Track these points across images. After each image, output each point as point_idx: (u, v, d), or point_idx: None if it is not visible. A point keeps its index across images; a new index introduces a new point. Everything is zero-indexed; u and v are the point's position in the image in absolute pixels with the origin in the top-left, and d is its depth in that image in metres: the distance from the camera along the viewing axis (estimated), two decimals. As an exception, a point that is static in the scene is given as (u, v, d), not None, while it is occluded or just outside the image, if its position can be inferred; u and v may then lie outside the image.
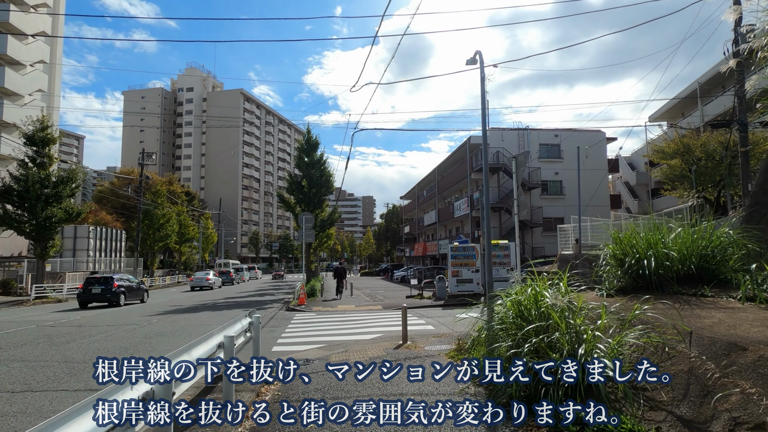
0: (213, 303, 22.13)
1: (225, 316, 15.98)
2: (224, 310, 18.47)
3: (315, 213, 29.88)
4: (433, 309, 15.95)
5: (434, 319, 13.17)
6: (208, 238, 58.50)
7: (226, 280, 42.80)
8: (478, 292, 18.14)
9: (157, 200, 40.11)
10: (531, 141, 35.86)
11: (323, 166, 30.32)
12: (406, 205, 65.04)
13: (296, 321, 14.17)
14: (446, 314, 14.27)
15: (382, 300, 20.49)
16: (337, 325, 12.82)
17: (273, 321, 14.29)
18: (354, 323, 13.18)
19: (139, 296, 22.51)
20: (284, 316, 15.59)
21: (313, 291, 22.21)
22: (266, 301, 22.88)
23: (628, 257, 6.78)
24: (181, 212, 47.41)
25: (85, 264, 38.49)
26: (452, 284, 18.04)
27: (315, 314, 16.02)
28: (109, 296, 19.69)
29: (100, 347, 9.66)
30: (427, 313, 14.85)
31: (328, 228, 32.06)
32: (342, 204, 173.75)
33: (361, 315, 15.25)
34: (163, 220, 39.99)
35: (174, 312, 17.68)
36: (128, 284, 21.59)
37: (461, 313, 13.83)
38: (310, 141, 30.48)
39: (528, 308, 5.09)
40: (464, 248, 18.31)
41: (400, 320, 13.02)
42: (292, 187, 30.25)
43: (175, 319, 15.23)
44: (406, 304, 16.57)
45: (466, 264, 18.11)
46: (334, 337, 10.76)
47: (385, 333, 10.96)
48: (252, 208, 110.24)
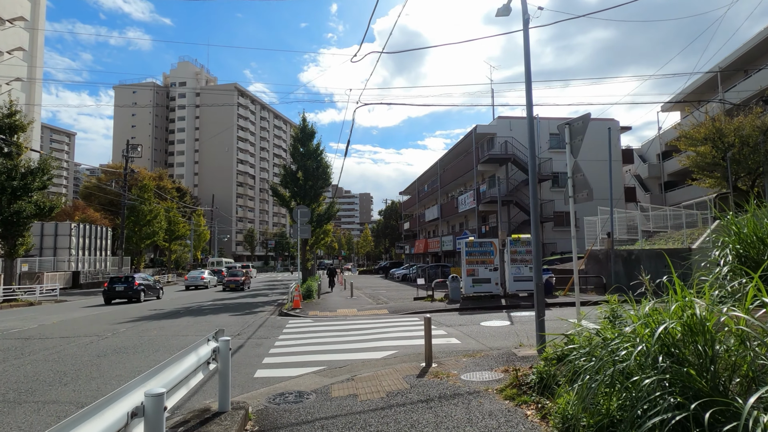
0: (198, 306, 19.91)
1: (208, 323, 13.77)
2: (209, 314, 16.26)
3: (311, 207, 27.70)
4: (449, 314, 13.80)
5: (455, 328, 11.01)
6: (200, 235, 56.17)
7: (219, 279, 40.61)
8: (497, 293, 15.99)
9: (144, 195, 37.75)
10: (541, 130, 33.68)
11: (320, 156, 28.07)
12: (406, 201, 62.83)
13: (289, 330, 11.98)
14: (466, 321, 12.11)
15: (386, 302, 18.32)
16: (338, 337, 10.63)
17: (262, 330, 12.09)
18: (358, 333, 10.99)
19: (156, 293, 24.39)
20: (275, 323, 13.40)
21: (310, 292, 20.03)
22: (258, 304, 20.69)
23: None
24: (170, 208, 45.06)
25: (67, 263, 36.14)
26: (467, 284, 15.87)
27: (311, 320, 13.84)
28: (131, 293, 21.96)
29: (27, 373, 7.43)
30: (443, 319, 12.69)
31: (325, 223, 29.81)
32: (339, 201, 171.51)
33: (366, 322, 13.07)
34: (149, 216, 37.66)
35: (151, 318, 15.45)
36: (146, 282, 23.62)
37: (485, 320, 11.65)
38: (305, 130, 28.21)
39: (690, 338, 2.89)
40: (480, 243, 16.12)
41: (414, 329, 10.93)
42: (286, 180, 27.99)
43: (147, 327, 13.01)
44: (417, 307, 14.46)
45: (483, 261, 15.93)
46: (336, 354, 8.57)
47: (400, 349, 8.79)
48: (247, 205, 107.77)
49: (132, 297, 22.13)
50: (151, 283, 24.25)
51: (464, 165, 36.57)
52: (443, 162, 44.00)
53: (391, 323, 12.48)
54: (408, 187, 60.32)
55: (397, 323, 12.44)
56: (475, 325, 11.19)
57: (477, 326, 10.96)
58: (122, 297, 22.11)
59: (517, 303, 14.61)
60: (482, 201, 32.33)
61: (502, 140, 32.58)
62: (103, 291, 22.25)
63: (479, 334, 9.90)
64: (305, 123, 28.20)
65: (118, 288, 21.91)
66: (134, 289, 22.08)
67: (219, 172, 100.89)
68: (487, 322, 11.43)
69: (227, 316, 15.76)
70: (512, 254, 16.03)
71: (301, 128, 28.17)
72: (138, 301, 22.21)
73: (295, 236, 21.70)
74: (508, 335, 9.57)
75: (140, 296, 22.35)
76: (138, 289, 22.26)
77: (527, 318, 12.09)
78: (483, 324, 11.16)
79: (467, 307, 14.49)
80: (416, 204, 54.78)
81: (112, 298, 21.94)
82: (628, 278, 16.52)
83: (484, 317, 12.53)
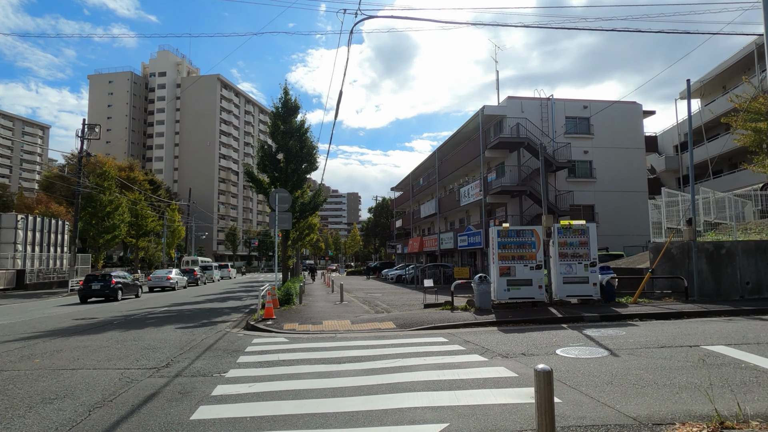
0: (146, 314, 15.52)
1: (137, 342, 9.49)
2: (150, 327, 11.94)
3: (294, 196, 23.44)
4: (486, 331, 9.66)
5: (517, 360, 6.76)
6: (174, 232, 51.32)
7: (191, 279, 36.03)
8: (540, 300, 11.89)
9: (104, 183, 33.03)
10: (556, 112, 29.85)
11: (305, 136, 23.73)
12: (398, 197, 58.70)
13: (249, 357, 7.76)
14: (524, 345, 7.96)
15: (387, 310, 14.15)
16: (327, 377, 6.41)
17: (206, 357, 7.84)
18: (359, 367, 6.80)
19: (134, 291, 23.64)
20: (233, 343, 9.17)
21: (289, 297, 15.75)
22: (224, 310, 16.38)
23: None
24: (137, 200, 40.31)
25: (12, 260, 31.30)
26: (500, 287, 11.75)
27: (286, 339, 9.62)
28: (107, 292, 21.15)
29: None
30: (484, 340, 8.56)
31: (310, 214, 25.46)
32: (326, 202, 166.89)
33: (367, 342, 8.89)
34: (110, 208, 32.94)
35: (67, 332, 11.08)
36: (125, 281, 22.88)
37: (554, 344, 7.26)
38: (288, 104, 23.79)
39: None
40: (518, 232, 12.00)
41: (448, 358, 6.63)
42: (264, 163, 23.50)
43: (40, 350, 8.69)
44: (434, 319, 10.22)
45: (522, 256, 11.83)
46: (325, 430, 4.38)
47: (450, 414, 4.60)
48: (230, 202, 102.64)
49: (109, 296, 21.33)
50: (129, 282, 23.59)
51: (468, 152, 32.56)
52: (441, 152, 39.99)
53: (406, 346, 8.31)
54: (401, 183, 56.22)
55: (415, 346, 8.27)
56: (547, 354, 7.04)
57: (553, 357, 6.82)
58: (99, 296, 21.29)
59: (577, 314, 10.46)
60: (490, 191, 28.33)
61: (512, 122, 28.63)
62: (79, 289, 21.52)
63: (579, 377, 5.75)
64: (287, 96, 23.78)
65: (94, 286, 21.09)
66: (111, 287, 21.26)
67: (200, 168, 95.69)
68: (565, 349, 7.29)
69: (172, 329, 11.46)
70: (561, 247, 11.98)
71: (283, 102, 23.72)
72: (115, 299, 21.42)
73: (273, 226, 17.43)
74: (644, 381, 5.44)
75: (117, 295, 21.55)
76: (115, 287, 21.45)
77: (623, 339, 8.01)
78: (561, 353, 7.03)
79: (507, 319, 10.34)
80: (410, 200, 50.70)
81: (87, 296, 21.12)
82: (715, 280, 12.58)
83: (546, 338, 8.43)
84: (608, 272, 12.21)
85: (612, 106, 29.97)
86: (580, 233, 11.99)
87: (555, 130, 29.56)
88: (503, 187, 27.35)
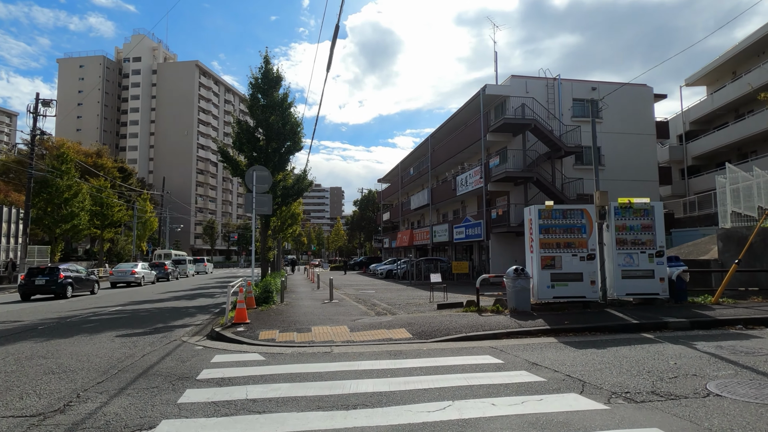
0: (87, 315, 12.53)
1: (48, 359, 6.61)
2: (81, 335, 9.03)
3: (277, 179, 20.55)
4: (541, 344, 7.02)
5: (652, 408, 4.19)
6: (146, 223, 47.70)
7: (160, 274, 32.73)
8: (593, 300, 9.30)
9: (61, 167, 29.53)
10: (563, 94, 27.44)
11: (288, 111, 20.76)
12: (386, 189, 55.94)
13: (201, 393, 4.97)
14: (619, 369, 5.31)
15: (391, 311, 11.44)
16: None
17: (133, 392, 5.03)
18: (386, 426, 4.06)
19: (89, 287, 21.10)
20: (184, 363, 6.35)
21: (268, 294, 12.90)
22: (190, 310, 13.50)
23: None
24: (103, 188, 36.75)
25: (-47, 252, 27.72)
26: (542, 283, 9.10)
27: (262, 357, 6.83)
28: (54, 288, 18.75)
29: None
30: (554, 362, 5.89)
31: (293, 200, 22.51)
32: (309, 195, 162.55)
33: (382, 366, 6.16)
34: (68, 194, 29.46)
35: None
36: (76, 275, 20.24)
37: (695, 376, 4.78)
38: (269, 75, 20.74)
39: None
40: (565, 213, 9.33)
41: (517, 395, 3.44)
42: (241, 140, 20.42)
43: None
44: (461, 325, 7.50)
45: (569, 243, 9.21)
46: None
47: None
48: (208, 194, 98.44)
49: (57, 292, 18.72)
50: (82, 276, 20.81)
51: (466, 137, 29.96)
52: (434, 139, 37.35)
53: (443, 372, 5.60)
54: (388, 174, 53.47)
55: (457, 372, 5.57)
56: (697, 394, 4.33)
57: (717, 402, 4.15)
58: (44, 292, 18.68)
59: (656, 319, 7.79)
60: (492, 179, 25.77)
61: (517, 103, 26.10)
62: (20, 285, 19.08)
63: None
64: (268, 65, 20.76)
65: (38, 282, 18.53)
66: (59, 283, 18.73)
67: (177, 158, 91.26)
68: (719, 384, 4.63)
69: (110, 338, 8.58)
70: (618, 231, 9.41)
71: (263, 72, 20.68)
72: (64, 296, 18.89)
73: (249, 209, 14.56)
74: None
75: (66, 291, 19.00)
76: (64, 283, 18.90)
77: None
78: (718, 391, 4.38)
79: (563, 326, 7.67)
80: (399, 191, 48.01)
81: (30, 293, 18.62)
82: (810, 274, 10.16)
83: (651, 359, 5.76)
84: (678, 264, 9.67)
85: (621, 89, 27.60)
86: (642, 214, 9.43)
87: (562, 113, 27.17)
88: (508, 173, 24.82)
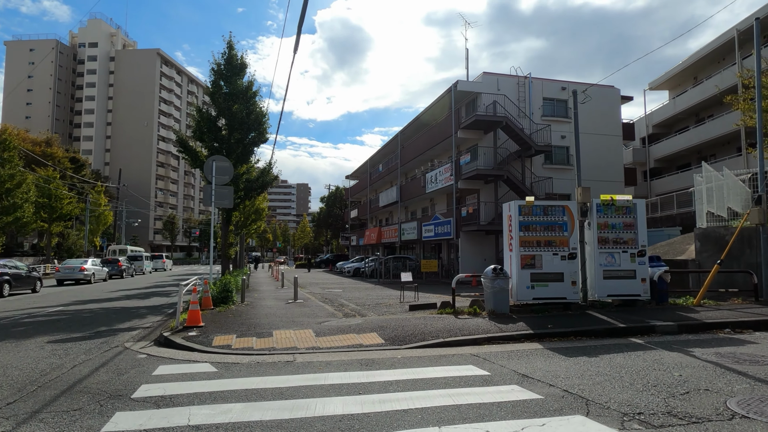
0: (21, 316, 11.24)
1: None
2: (6, 340, 7.89)
3: (240, 171, 19.49)
4: (526, 350, 6.45)
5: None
6: (99, 217, 45.16)
7: (114, 271, 30.82)
8: (573, 301, 8.85)
9: (3, 155, 27.31)
10: (533, 93, 27.35)
11: (252, 100, 19.71)
12: (354, 186, 55.09)
13: (135, 417, 4.11)
14: (619, 381, 4.79)
15: (359, 312, 10.71)
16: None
17: (50, 416, 4.10)
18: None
19: (30, 285, 19.57)
20: (120, 376, 5.44)
21: (227, 294, 11.92)
22: (140, 311, 12.36)
23: None
24: (51, 178, 34.41)
25: None
26: (521, 283, 8.58)
27: (213, 369, 5.96)
28: None
29: None
30: (545, 374, 5.30)
31: (257, 194, 21.41)
32: (275, 191, 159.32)
33: (352, 380, 5.44)
34: (10, 185, 27.28)
35: None
36: (14, 271, 18.56)
37: (708, 390, 4.32)
38: (232, 61, 19.57)
39: None
40: (546, 209, 8.84)
41: (512, 419, 2.81)
42: (202, 129, 19.17)
43: None
44: (437, 328, 6.80)
45: (550, 242, 8.74)
46: None
47: None
48: (169, 188, 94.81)
49: None
50: (22, 273, 19.27)
51: (436, 134, 29.52)
52: (404, 136, 36.82)
53: (423, 386, 4.92)
54: (357, 170, 52.64)
55: (439, 386, 4.90)
56: (720, 416, 3.75)
57: (743, 425, 3.64)
58: None
59: (642, 322, 7.40)
60: (462, 176, 25.40)
61: (489, 100, 25.81)
62: None
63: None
64: (232, 51, 19.61)
65: None
66: None
67: (135, 149, 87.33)
68: (740, 402, 4.08)
69: (40, 344, 7.50)
70: (600, 229, 9.02)
71: (227, 58, 19.50)
72: (0, 296, 17.20)
73: (208, 202, 13.53)
74: None
75: (2, 290, 17.36)
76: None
77: None
78: (743, 412, 3.86)
79: (546, 330, 7.13)
80: (367, 188, 47.29)
81: None
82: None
83: (649, 368, 5.25)
84: (659, 265, 9.37)
85: (589, 90, 27.64)
86: (624, 212, 9.07)
87: (532, 111, 27.07)
88: (478, 171, 24.49)
